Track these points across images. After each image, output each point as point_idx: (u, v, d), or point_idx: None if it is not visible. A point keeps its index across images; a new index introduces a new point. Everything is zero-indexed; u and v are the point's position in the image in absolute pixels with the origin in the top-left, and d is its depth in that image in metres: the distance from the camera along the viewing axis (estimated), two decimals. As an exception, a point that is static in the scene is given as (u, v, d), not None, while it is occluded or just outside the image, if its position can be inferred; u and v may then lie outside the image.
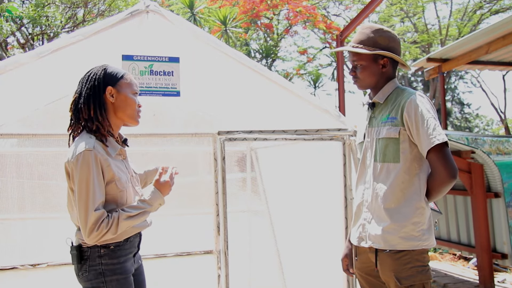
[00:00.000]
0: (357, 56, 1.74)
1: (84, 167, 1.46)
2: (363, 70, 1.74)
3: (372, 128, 1.76)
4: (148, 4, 2.42)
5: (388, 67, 1.74)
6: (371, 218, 1.71)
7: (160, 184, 1.62)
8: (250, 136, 2.56)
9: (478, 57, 5.70)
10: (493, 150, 4.51)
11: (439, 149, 1.57)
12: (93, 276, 1.53)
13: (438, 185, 1.61)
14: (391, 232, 1.63)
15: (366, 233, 1.72)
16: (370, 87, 1.79)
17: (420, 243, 1.63)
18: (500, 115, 16.37)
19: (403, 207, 1.64)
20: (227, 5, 15.17)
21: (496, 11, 14.41)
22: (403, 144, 1.64)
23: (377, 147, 1.71)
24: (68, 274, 2.71)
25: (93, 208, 1.45)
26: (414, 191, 1.64)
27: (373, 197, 1.70)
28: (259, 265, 3.56)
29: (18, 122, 2.86)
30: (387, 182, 1.67)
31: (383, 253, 1.66)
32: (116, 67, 1.65)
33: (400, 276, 1.61)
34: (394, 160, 1.65)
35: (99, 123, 1.53)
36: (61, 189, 3.02)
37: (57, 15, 8.75)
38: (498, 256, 4.01)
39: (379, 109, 1.77)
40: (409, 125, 1.63)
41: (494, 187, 4.04)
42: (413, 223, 1.62)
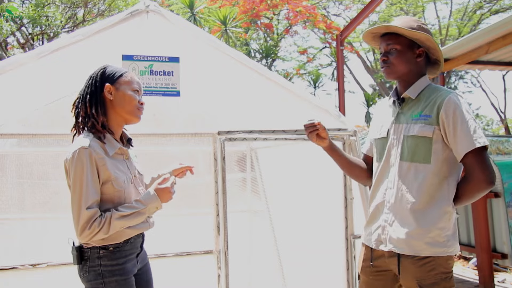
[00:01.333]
0: (393, 40, 1.63)
1: (78, 165, 1.46)
2: (397, 55, 1.62)
3: (400, 125, 1.64)
4: (148, 4, 2.42)
5: (422, 58, 1.65)
6: (394, 220, 1.60)
7: (159, 188, 1.59)
8: (250, 136, 2.56)
9: (478, 57, 5.69)
10: (493, 150, 4.51)
11: (478, 152, 1.49)
12: (93, 277, 1.53)
13: (473, 190, 1.52)
14: (416, 237, 1.55)
15: (386, 236, 1.62)
16: (400, 77, 1.66)
17: (445, 250, 1.55)
18: (500, 115, 16.37)
19: (430, 211, 1.55)
20: (227, 5, 15.17)
21: (496, 11, 14.41)
22: (436, 144, 1.55)
23: (405, 145, 1.60)
24: (68, 274, 2.71)
25: (85, 206, 1.45)
26: (443, 195, 1.56)
27: (397, 198, 1.60)
28: (259, 265, 3.56)
29: (18, 122, 2.86)
30: (414, 183, 1.57)
31: (406, 258, 1.57)
32: (117, 67, 1.66)
33: (423, 283, 1.53)
34: (424, 161, 1.56)
35: (94, 119, 1.54)
36: (61, 189, 3.02)
37: (57, 15, 8.75)
38: (498, 256, 4.01)
39: (409, 105, 1.65)
40: (446, 125, 1.53)
41: (494, 187, 4.04)
42: (439, 228, 1.54)
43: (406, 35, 1.61)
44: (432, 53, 1.67)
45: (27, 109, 2.86)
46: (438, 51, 1.64)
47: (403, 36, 1.62)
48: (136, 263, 1.65)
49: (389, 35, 1.65)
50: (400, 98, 1.69)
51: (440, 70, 1.72)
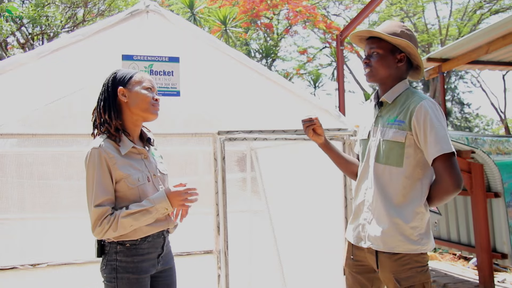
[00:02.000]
0: (376, 44, 1.69)
1: (90, 165, 1.53)
2: (379, 59, 1.69)
3: (377, 128, 1.73)
4: (148, 4, 2.41)
5: (403, 64, 1.70)
6: (372, 218, 1.70)
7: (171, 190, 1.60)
8: (250, 136, 2.56)
9: (478, 57, 5.69)
10: (493, 150, 4.51)
11: (446, 158, 1.56)
12: (109, 270, 1.58)
13: (442, 193, 1.60)
14: (391, 235, 1.63)
15: (365, 233, 1.72)
16: (381, 80, 1.73)
17: (419, 247, 1.63)
18: (500, 115, 16.37)
19: (403, 210, 1.63)
20: (227, 5, 15.17)
21: (496, 11, 14.41)
22: (408, 149, 1.62)
23: (381, 148, 1.69)
24: (67, 274, 2.72)
25: (94, 204, 1.50)
26: (415, 196, 1.63)
27: (375, 198, 1.69)
28: (259, 265, 3.55)
29: (18, 122, 2.86)
30: (389, 185, 1.66)
31: (383, 254, 1.66)
32: (128, 70, 1.70)
33: (399, 277, 1.61)
34: (397, 164, 1.64)
35: (108, 124, 1.59)
36: (61, 189, 3.02)
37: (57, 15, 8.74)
38: (498, 256, 4.01)
39: (387, 109, 1.73)
40: (417, 131, 1.60)
41: (494, 187, 4.04)
42: (412, 227, 1.62)
43: (388, 40, 1.67)
44: (413, 59, 1.73)
45: (27, 109, 2.86)
46: (418, 57, 1.70)
47: (386, 41, 1.68)
48: (156, 264, 1.65)
49: (372, 39, 1.72)
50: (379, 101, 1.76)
51: (421, 75, 1.77)
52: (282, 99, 2.78)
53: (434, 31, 15.62)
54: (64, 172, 3.03)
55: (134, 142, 1.66)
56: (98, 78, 2.88)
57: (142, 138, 1.73)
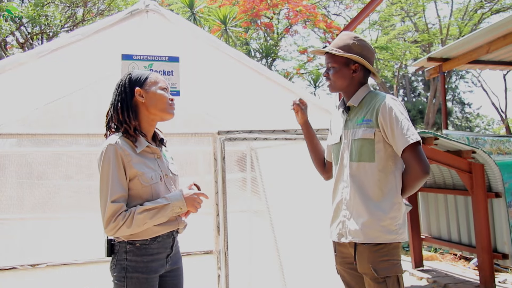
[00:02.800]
0: (331, 59, 1.86)
1: (105, 161, 1.53)
2: (335, 73, 1.85)
3: (348, 130, 1.86)
4: (148, 3, 2.41)
5: (358, 73, 1.85)
6: (351, 214, 1.80)
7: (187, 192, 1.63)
8: (250, 136, 2.56)
9: (478, 56, 5.69)
10: (494, 150, 4.50)
11: (413, 147, 1.69)
12: (118, 270, 1.58)
13: (412, 180, 1.72)
14: (370, 226, 1.73)
15: (346, 229, 1.82)
16: (341, 90, 1.89)
17: (397, 237, 1.74)
18: (501, 115, 16.36)
19: (381, 202, 1.75)
20: (227, 4, 15.16)
21: (497, 11, 14.40)
22: (377, 144, 1.76)
23: (353, 147, 1.81)
24: (67, 274, 2.71)
25: (111, 199, 1.50)
26: (391, 188, 1.75)
27: (352, 195, 1.80)
28: (259, 265, 3.55)
29: (17, 122, 2.86)
30: (364, 180, 1.78)
31: (362, 246, 1.76)
32: (141, 71, 1.71)
33: (377, 267, 1.72)
34: (369, 160, 1.76)
35: (127, 125, 1.60)
36: (60, 189, 3.02)
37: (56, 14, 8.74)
38: (499, 256, 4.00)
39: (354, 112, 1.87)
40: (384, 126, 1.74)
41: (495, 187, 4.03)
42: (391, 217, 1.73)
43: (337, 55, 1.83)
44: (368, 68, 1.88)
45: (26, 109, 2.85)
46: (369, 66, 1.86)
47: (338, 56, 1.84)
48: (165, 264, 1.66)
49: (328, 54, 1.88)
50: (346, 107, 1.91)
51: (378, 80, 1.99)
52: (282, 99, 2.77)
53: (435, 30, 15.61)
54: (63, 172, 3.03)
55: (149, 142, 1.67)
56: (97, 78, 2.89)
57: (155, 139, 1.74)
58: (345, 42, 1.85)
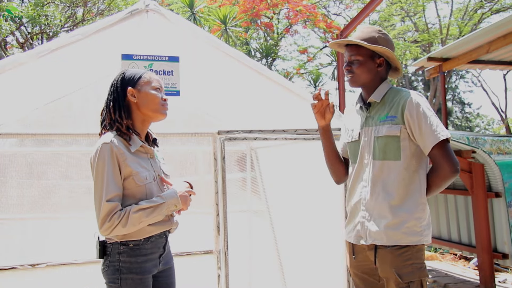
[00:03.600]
0: (355, 51, 1.77)
1: (100, 160, 1.51)
2: (359, 66, 1.77)
3: (369, 128, 1.77)
4: (148, 3, 2.41)
5: (383, 67, 1.79)
6: (371, 216, 1.71)
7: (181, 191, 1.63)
8: (250, 135, 2.55)
9: (478, 56, 5.68)
10: (494, 150, 4.50)
11: (442, 145, 1.63)
12: (112, 271, 1.56)
13: (441, 180, 1.65)
14: (394, 228, 1.65)
15: (365, 231, 1.73)
16: (363, 84, 1.81)
17: (421, 239, 1.66)
18: (501, 115, 16.36)
19: (406, 203, 1.67)
20: (227, 4, 15.15)
21: (497, 10, 14.39)
22: (403, 141, 1.68)
23: (376, 145, 1.73)
24: (67, 274, 2.71)
25: (106, 199, 1.48)
26: (415, 188, 1.68)
27: (373, 195, 1.71)
28: (259, 265, 3.55)
29: (17, 122, 2.85)
30: (388, 179, 1.69)
31: (384, 249, 1.67)
32: (135, 70, 1.70)
33: (401, 272, 1.63)
34: (394, 158, 1.68)
35: (119, 124, 1.59)
36: (60, 189, 3.01)
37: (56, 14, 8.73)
38: (499, 256, 4.00)
39: (375, 108, 1.79)
40: (411, 123, 1.66)
41: (495, 187, 4.03)
42: (416, 218, 1.66)
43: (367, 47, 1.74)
44: (392, 62, 1.82)
45: (26, 109, 2.85)
46: (396, 60, 1.79)
47: (364, 47, 1.75)
48: (158, 264, 1.66)
49: (351, 46, 1.80)
50: (366, 103, 1.82)
51: (400, 75, 1.88)
52: (282, 98, 2.77)
53: (435, 30, 15.60)
54: (63, 172, 3.03)
55: (142, 141, 1.66)
56: (97, 77, 2.89)
57: (147, 139, 1.74)
58: (369, 34, 1.76)
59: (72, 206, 2.99)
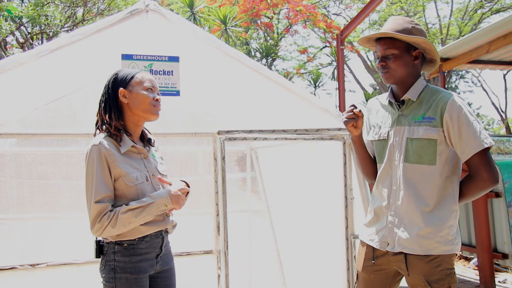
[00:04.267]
0: (389, 45, 1.63)
1: (89, 161, 1.54)
2: (395, 60, 1.63)
3: (402, 127, 1.66)
4: (148, 3, 2.41)
5: (419, 60, 1.66)
6: (401, 222, 1.63)
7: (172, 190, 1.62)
8: (250, 135, 2.55)
9: (478, 56, 5.68)
10: (494, 150, 4.49)
11: (484, 153, 1.54)
12: (107, 271, 1.58)
13: (478, 189, 1.58)
14: (428, 237, 1.58)
15: (394, 238, 1.64)
16: (400, 80, 1.66)
17: (453, 247, 1.60)
18: (501, 115, 16.36)
19: (439, 210, 1.59)
20: (227, 4, 15.16)
21: (497, 10, 14.39)
22: (440, 146, 1.58)
23: (409, 147, 1.62)
24: (67, 274, 2.71)
25: (94, 200, 1.50)
26: (449, 194, 1.60)
27: (404, 200, 1.62)
28: (259, 265, 3.55)
29: (17, 122, 2.85)
30: (421, 184, 1.60)
31: (414, 257, 1.60)
32: (129, 70, 1.69)
33: (430, 279, 1.58)
34: (430, 162, 1.59)
35: (108, 125, 1.60)
36: (60, 189, 3.01)
37: (56, 14, 8.73)
38: (499, 256, 4.00)
39: (410, 107, 1.66)
40: (450, 127, 1.56)
41: (495, 186, 4.03)
42: (449, 226, 1.59)
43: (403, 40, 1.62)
44: (428, 53, 1.68)
45: (26, 109, 2.85)
46: (435, 51, 1.65)
47: (399, 40, 1.63)
48: (155, 264, 1.65)
49: (384, 39, 1.66)
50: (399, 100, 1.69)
51: (435, 67, 1.73)
52: (282, 98, 2.77)
53: (435, 30, 15.60)
54: (63, 172, 3.03)
55: (135, 142, 1.66)
56: (97, 77, 2.89)
57: (142, 139, 1.73)
58: (403, 26, 1.62)
59: (72, 206, 2.99)
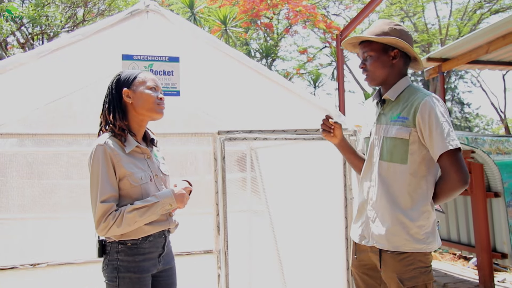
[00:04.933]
0: (367, 47, 1.70)
1: (95, 161, 1.54)
2: (373, 62, 1.69)
3: (381, 125, 1.71)
4: (148, 3, 2.41)
5: (398, 59, 1.69)
6: (376, 217, 1.68)
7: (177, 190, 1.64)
8: (250, 135, 2.56)
9: (478, 56, 5.69)
10: (493, 150, 4.51)
11: (452, 154, 1.55)
12: (110, 270, 1.58)
13: (449, 190, 1.59)
14: (396, 234, 1.61)
15: (369, 232, 1.70)
16: (381, 81, 1.72)
17: (425, 246, 1.62)
18: (500, 115, 16.37)
19: (409, 209, 1.61)
20: (227, 4, 15.16)
21: (496, 11, 14.40)
22: (412, 145, 1.61)
23: (385, 145, 1.67)
24: (67, 274, 2.71)
25: (100, 199, 1.51)
26: (421, 194, 1.62)
27: (379, 196, 1.67)
28: (259, 265, 3.55)
29: (18, 122, 2.86)
30: (393, 183, 1.64)
31: (386, 253, 1.64)
32: (131, 71, 1.71)
33: (403, 277, 1.60)
34: (401, 161, 1.62)
35: (113, 125, 1.61)
36: (61, 189, 3.02)
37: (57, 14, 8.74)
38: (498, 256, 4.01)
39: (390, 106, 1.71)
40: (422, 127, 1.59)
41: (494, 186, 4.04)
42: (418, 226, 1.61)
43: (376, 41, 1.67)
44: (408, 52, 1.71)
45: (27, 109, 2.85)
46: (410, 49, 1.67)
47: (376, 42, 1.68)
48: (157, 264, 1.66)
49: (364, 43, 1.72)
50: (381, 99, 1.74)
51: (421, 65, 1.76)
52: (282, 99, 2.78)
53: (434, 30, 15.61)
54: (64, 172, 3.03)
55: (138, 142, 1.67)
56: (98, 78, 2.89)
57: (145, 139, 1.74)
58: (380, 28, 1.68)
59: (73, 206, 3.00)
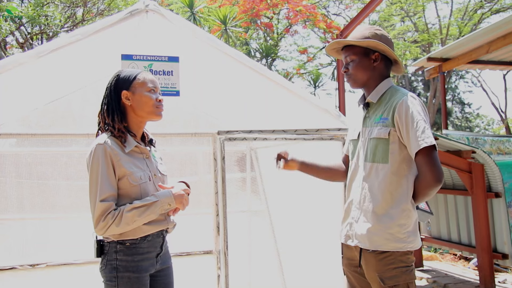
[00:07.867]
0: (349, 51, 1.75)
1: (94, 160, 1.54)
2: (355, 65, 1.74)
3: (366, 128, 1.76)
4: (148, 3, 2.41)
5: (379, 62, 1.74)
6: (359, 217, 1.72)
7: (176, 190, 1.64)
8: (250, 135, 2.56)
9: (478, 56, 5.69)
10: (493, 150, 4.50)
11: (426, 152, 1.57)
12: (109, 270, 1.58)
13: (423, 188, 1.61)
14: (377, 233, 1.64)
15: (353, 232, 1.73)
16: (362, 83, 1.77)
17: (405, 245, 1.63)
18: (501, 115, 16.37)
19: (390, 208, 1.64)
20: (227, 4, 15.15)
21: (496, 11, 14.40)
22: (392, 145, 1.65)
23: (368, 147, 1.72)
24: (67, 274, 2.71)
25: (99, 199, 1.50)
26: (402, 193, 1.64)
27: (362, 197, 1.71)
28: (259, 265, 3.55)
29: (17, 122, 2.85)
30: (375, 182, 1.68)
31: (367, 252, 1.67)
32: (130, 70, 1.70)
33: (383, 276, 1.62)
34: (383, 161, 1.66)
35: (112, 127, 1.61)
36: (60, 189, 3.01)
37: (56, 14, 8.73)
38: (499, 256, 4.00)
39: (373, 109, 1.76)
40: (400, 126, 1.63)
41: (495, 187, 4.03)
42: (399, 225, 1.63)
43: (357, 44, 1.73)
44: (388, 55, 1.76)
45: (26, 109, 2.85)
46: (390, 52, 1.73)
47: (357, 46, 1.74)
48: (155, 263, 1.67)
49: (346, 47, 1.78)
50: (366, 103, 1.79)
51: (401, 69, 1.82)
52: (282, 99, 2.77)
53: (435, 30, 15.60)
54: (63, 172, 3.03)
55: (138, 142, 1.67)
56: (97, 77, 2.89)
57: (143, 139, 1.74)
58: (362, 33, 1.74)
59: (72, 206, 3.00)
